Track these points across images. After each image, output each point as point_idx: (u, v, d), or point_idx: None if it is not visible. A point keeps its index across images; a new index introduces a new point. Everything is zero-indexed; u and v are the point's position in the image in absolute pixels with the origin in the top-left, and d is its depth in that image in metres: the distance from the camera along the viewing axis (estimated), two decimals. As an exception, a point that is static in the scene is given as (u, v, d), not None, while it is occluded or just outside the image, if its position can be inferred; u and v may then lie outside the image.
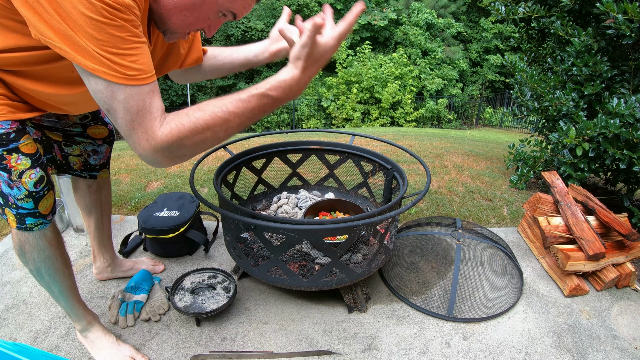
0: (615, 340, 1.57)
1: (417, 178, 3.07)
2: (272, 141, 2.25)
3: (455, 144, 4.89)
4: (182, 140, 0.81)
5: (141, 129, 0.79)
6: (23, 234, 1.14)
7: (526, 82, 2.90)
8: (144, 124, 0.79)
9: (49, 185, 1.12)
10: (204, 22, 0.92)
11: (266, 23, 13.44)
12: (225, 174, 1.81)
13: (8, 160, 1.02)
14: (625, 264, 1.86)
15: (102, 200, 1.59)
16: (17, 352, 0.91)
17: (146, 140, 0.80)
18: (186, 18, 0.88)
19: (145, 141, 0.80)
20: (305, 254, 1.66)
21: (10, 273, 1.81)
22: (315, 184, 2.31)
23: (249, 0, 0.90)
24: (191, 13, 0.87)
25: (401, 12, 14.84)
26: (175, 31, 0.93)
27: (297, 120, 13.42)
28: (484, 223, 2.43)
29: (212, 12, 0.89)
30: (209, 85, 14.35)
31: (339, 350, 1.46)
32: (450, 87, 14.43)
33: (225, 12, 0.90)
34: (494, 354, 1.47)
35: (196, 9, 0.87)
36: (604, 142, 2.34)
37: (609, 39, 2.57)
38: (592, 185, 3.17)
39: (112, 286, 1.73)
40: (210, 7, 0.87)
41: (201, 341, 1.47)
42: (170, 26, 0.91)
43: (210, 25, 0.94)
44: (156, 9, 0.87)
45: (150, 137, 0.80)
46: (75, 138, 1.39)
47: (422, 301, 1.70)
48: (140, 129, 0.79)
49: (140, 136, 0.80)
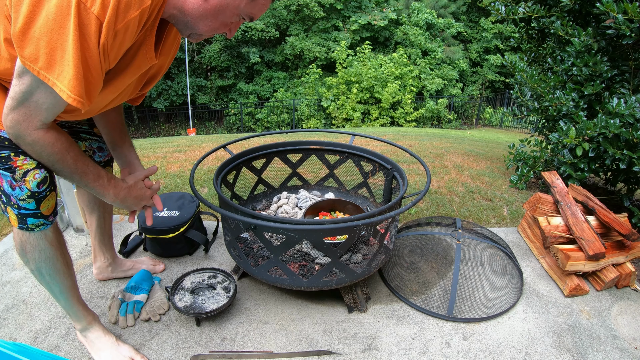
0: (615, 340, 1.57)
1: (417, 178, 3.07)
2: (272, 141, 2.25)
3: (455, 144, 4.89)
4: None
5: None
6: (24, 234, 1.14)
7: (526, 82, 2.90)
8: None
9: (51, 186, 1.12)
10: (227, 26, 1.00)
11: (266, 23, 13.44)
12: (225, 174, 1.81)
13: (14, 161, 1.03)
14: (625, 264, 1.86)
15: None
16: (17, 352, 0.91)
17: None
18: (212, 24, 0.96)
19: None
20: (305, 254, 1.66)
21: (10, 273, 1.81)
22: (315, 184, 2.31)
23: (265, 3, 0.97)
24: (216, 19, 0.95)
25: (401, 12, 14.84)
26: (202, 34, 1.00)
27: (297, 120, 13.42)
28: (484, 223, 2.43)
29: (233, 16, 0.97)
30: (209, 85, 14.35)
31: (339, 350, 1.46)
32: (450, 87, 14.42)
33: (245, 15, 0.97)
34: (494, 354, 1.47)
35: (220, 15, 0.95)
36: (604, 142, 2.34)
37: (609, 39, 2.56)
38: (592, 185, 3.17)
39: (112, 286, 1.73)
40: (232, 12, 0.95)
41: (201, 341, 1.47)
42: (197, 32, 0.99)
43: (231, 28, 1.02)
44: (182, 18, 0.95)
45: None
46: (81, 135, 1.40)
47: (422, 301, 1.70)
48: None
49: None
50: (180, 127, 14.24)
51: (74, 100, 0.84)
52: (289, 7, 13.67)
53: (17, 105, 0.89)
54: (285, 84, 14.44)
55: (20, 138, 0.94)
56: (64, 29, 0.79)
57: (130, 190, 1.21)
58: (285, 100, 13.58)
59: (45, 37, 0.79)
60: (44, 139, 0.95)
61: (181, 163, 3.43)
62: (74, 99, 0.84)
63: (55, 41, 0.79)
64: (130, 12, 0.83)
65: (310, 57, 13.84)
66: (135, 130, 14.06)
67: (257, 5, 0.96)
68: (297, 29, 14.07)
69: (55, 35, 0.79)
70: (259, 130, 13.38)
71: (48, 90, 0.86)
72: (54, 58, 0.81)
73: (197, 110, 14.08)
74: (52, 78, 0.82)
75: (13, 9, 0.80)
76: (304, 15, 13.95)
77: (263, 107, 13.69)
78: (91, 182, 1.08)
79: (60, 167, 1.01)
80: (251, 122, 13.76)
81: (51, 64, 0.81)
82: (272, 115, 13.45)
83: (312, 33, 14.26)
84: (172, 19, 0.97)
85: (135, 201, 1.23)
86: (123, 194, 1.18)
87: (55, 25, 0.78)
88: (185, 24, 0.96)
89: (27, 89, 0.86)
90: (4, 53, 0.93)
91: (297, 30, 14.06)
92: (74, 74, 0.82)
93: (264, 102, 13.92)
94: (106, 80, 0.97)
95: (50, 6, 0.78)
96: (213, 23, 0.96)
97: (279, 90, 13.80)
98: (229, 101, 14.21)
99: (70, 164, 1.01)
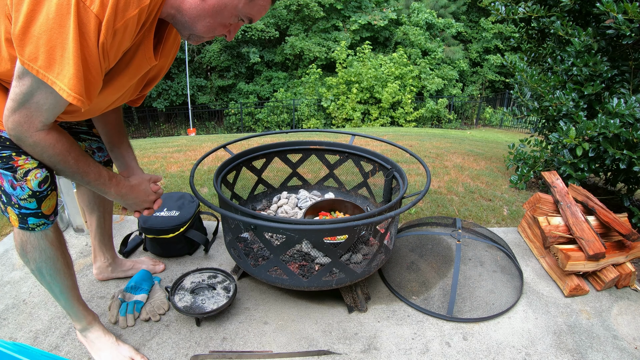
0: (615, 340, 1.57)
1: (417, 178, 3.07)
2: (272, 141, 2.25)
3: (455, 144, 4.89)
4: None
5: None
6: (25, 234, 1.14)
7: (526, 82, 2.90)
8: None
9: (52, 185, 1.13)
10: (225, 28, 0.99)
11: (266, 23, 13.44)
12: (225, 174, 1.81)
13: (16, 161, 1.04)
14: (625, 264, 1.86)
15: (105, 198, 1.60)
16: (17, 352, 0.91)
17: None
18: (210, 24, 0.96)
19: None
20: (305, 254, 1.66)
21: (10, 273, 1.81)
22: (315, 184, 2.31)
23: (265, 5, 0.97)
24: (214, 19, 0.95)
25: (401, 12, 14.83)
26: (201, 36, 0.99)
27: (297, 120, 13.42)
28: (484, 223, 2.43)
29: (232, 17, 0.96)
30: (209, 85, 14.35)
31: (339, 350, 1.46)
32: (450, 87, 14.42)
33: (243, 17, 0.97)
34: (494, 354, 1.47)
35: (218, 15, 0.94)
36: (604, 142, 2.34)
37: (609, 39, 2.56)
38: (592, 185, 3.17)
39: (112, 286, 1.73)
40: (230, 13, 0.95)
41: (201, 341, 1.47)
42: (196, 32, 0.98)
43: (230, 30, 1.01)
44: (180, 18, 0.95)
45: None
46: (81, 135, 1.40)
47: (422, 301, 1.70)
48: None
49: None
50: (180, 127, 14.24)
51: (74, 98, 0.84)
52: (289, 7, 13.67)
53: (17, 107, 0.89)
54: (285, 84, 14.44)
55: (22, 140, 0.94)
56: (64, 28, 0.79)
57: (133, 189, 1.22)
58: (285, 100, 13.58)
59: (45, 36, 0.79)
60: (45, 140, 0.95)
61: (181, 163, 3.43)
62: (74, 97, 0.84)
63: (55, 40, 0.79)
64: (129, 11, 0.83)
65: (310, 57, 13.84)
66: (135, 130, 14.06)
67: (255, 6, 0.95)
68: (297, 29, 14.07)
69: (55, 34, 0.79)
70: (259, 130, 13.38)
71: (48, 91, 0.86)
72: (53, 57, 0.81)
73: (197, 110, 14.08)
74: (52, 77, 0.82)
75: (14, 8, 0.80)
76: (304, 15, 13.95)
77: (263, 107, 13.68)
78: (93, 180, 1.08)
79: (62, 167, 1.02)
80: (251, 122, 13.76)
81: (51, 63, 0.81)
82: (272, 115, 13.44)
83: (312, 33, 14.26)
84: (171, 18, 0.97)
85: (136, 201, 1.24)
86: (124, 192, 1.18)
87: (55, 24, 0.78)
88: (184, 24, 0.96)
89: (27, 90, 0.86)
90: (5, 54, 0.93)
91: (297, 30, 14.06)
92: (74, 73, 0.82)
93: (264, 102, 13.92)
94: (106, 80, 0.97)
95: (50, 5, 0.78)
96: (211, 23, 0.95)
97: (279, 90, 13.80)
98: (229, 101, 14.21)
99: (72, 164, 1.02)
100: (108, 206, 1.64)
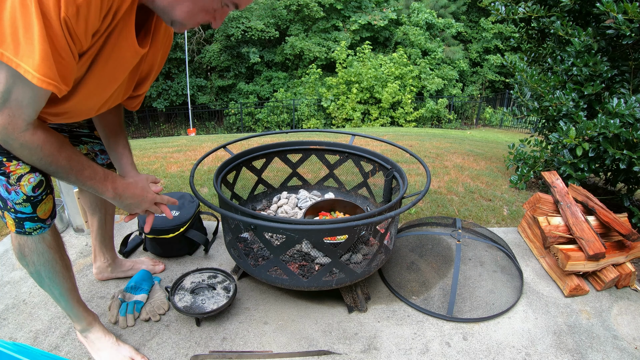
0: (615, 340, 1.57)
1: (417, 178, 3.07)
2: (272, 141, 2.25)
3: (455, 144, 4.89)
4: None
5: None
6: (22, 238, 1.14)
7: (526, 82, 2.90)
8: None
9: (47, 189, 1.11)
10: (209, 13, 0.95)
11: (266, 23, 13.44)
12: (225, 174, 1.81)
13: (7, 166, 1.02)
14: (625, 264, 1.86)
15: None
16: (17, 352, 0.91)
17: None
18: (189, 9, 0.91)
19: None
20: (305, 254, 1.66)
21: (10, 273, 1.81)
22: (315, 184, 2.31)
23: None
24: (194, 4, 0.91)
25: (401, 12, 14.83)
26: (182, 22, 0.95)
27: (297, 120, 13.42)
28: (484, 223, 2.43)
29: (214, 2, 0.92)
30: (209, 85, 14.35)
31: (339, 350, 1.46)
32: (450, 87, 14.41)
33: (228, 2, 0.93)
34: (494, 354, 1.47)
35: (198, 0, 0.90)
36: (604, 142, 2.34)
37: (609, 39, 2.56)
38: (592, 185, 3.17)
39: (112, 286, 1.73)
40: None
41: (201, 341, 1.47)
42: (175, 17, 0.93)
43: (215, 16, 0.96)
44: (158, 2, 0.91)
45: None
46: (82, 138, 1.39)
47: (422, 301, 1.70)
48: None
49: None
50: (180, 127, 14.24)
51: (43, 82, 0.80)
52: (289, 7, 13.67)
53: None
54: (285, 84, 14.43)
55: (9, 143, 0.91)
56: (26, 8, 0.75)
57: (129, 186, 1.17)
58: (285, 100, 13.58)
59: (9, 19, 0.76)
60: (32, 141, 0.92)
61: (181, 163, 3.43)
62: (43, 81, 0.80)
63: (18, 20, 0.76)
64: None
65: (310, 57, 13.84)
66: (135, 130, 14.06)
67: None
68: (297, 29, 14.07)
69: (19, 16, 0.76)
70: (259, 130, 13.38)
71: (24, 83, 0.82)
72: (17, 38, 0.77)
73: (197, 110, 14.08)
74: (16, 59, 0.78)
75: None
76: (304, 15, 13.95)
77: (263, 107, 13.68)
78: (88, 180, 1.05)
79: (55, 169, 0.99)
80: (251, 122, 13.75)
81: (16, 45, 0.77)
82: (272, 115, 13.44)
83: (312, 33, 14.25)
84: (150, 3, 0.93)
85: (135, 200, 1.19)
86: (121, 190, 1.14)
87: (19, 5, 0.75)
88: (162, 10, 0.92)
89: (4, 88, 0.83)
90: None
91: (297, 30, 14.05)
92: (40, 55, 0.78)
93: (264, 102, 13.92)
94: (90, 71, 0.94)
95: None
96: (191, 8, 0.91)
97: (279, 90, 13.80)
98: (229, 101, 14.21)
99: (63, 164, 0.99)
100: (110, 208, 1.63)
